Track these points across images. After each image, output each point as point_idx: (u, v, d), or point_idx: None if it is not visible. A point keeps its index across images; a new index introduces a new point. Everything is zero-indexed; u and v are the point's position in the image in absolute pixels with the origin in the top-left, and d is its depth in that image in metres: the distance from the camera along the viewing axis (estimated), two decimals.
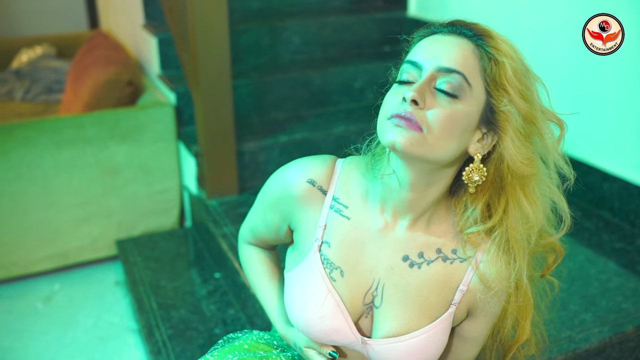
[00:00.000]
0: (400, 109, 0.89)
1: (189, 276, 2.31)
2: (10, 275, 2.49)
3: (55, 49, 3.84)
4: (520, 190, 0.95)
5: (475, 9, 2.73)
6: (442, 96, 0.90)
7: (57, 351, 2.15)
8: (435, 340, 1.03)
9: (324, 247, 1.03)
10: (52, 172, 2.40)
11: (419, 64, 0.92)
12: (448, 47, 0.92)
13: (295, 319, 1.05)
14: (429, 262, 1.02)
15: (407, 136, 0.87)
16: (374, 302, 1.03)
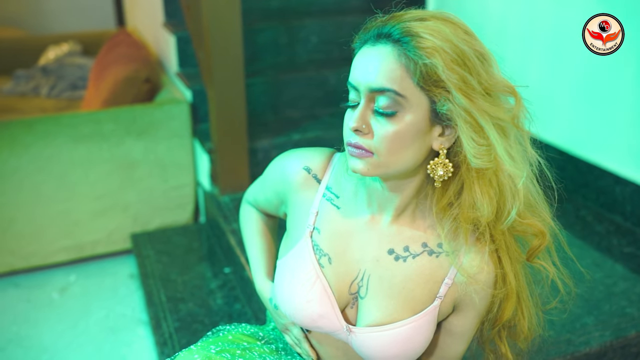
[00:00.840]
0: (350, 138, 0.94)
1: (199, 270, 2.35)
2: (29, 266, 2.56)
3: (81, 46, 3.93)
4: (476, 180, 0.94)
5: (492, 8, 2.71)
6: (381, 117, 0.92)
7: (69, 340, 2.21)
8: (420, 333, 1.03)
9: (315, 233, 1.06)
10: (70, 166, 2.46)
11: (355, 87, 0.95)
12: (374, 62, 0.91)
13: (283, 302, 1.08)
14: (415, 256, 1.03)
15: (363, 163, 0.93)
16: (359, 292, 1.06)
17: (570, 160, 2.39)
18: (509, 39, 2.65)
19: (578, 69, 2.32)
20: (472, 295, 1.03)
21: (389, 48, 0.91)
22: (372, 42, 0.93)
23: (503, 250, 1.01)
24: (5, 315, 2.35)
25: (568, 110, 2.40)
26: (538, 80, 2.52)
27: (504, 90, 0.94)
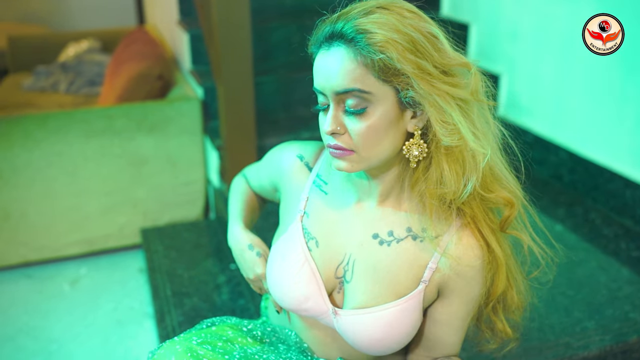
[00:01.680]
0: (329, 141, 0.98)
1: (205, 266, 2.37)
2: (42, 258, 2.61)
3: (101, 43, 3.99)
4: (444, 156, 0.96)
5: (505, 9, 2.69)
6: (352, 116, 0.95)
7: (78, 331, 2.25)
8: (405, 317, 1.04)
9: (304, 217, 1.12)
10: (82, 161, 2.51)
11: (321, 92, 0.98)
12: (334, 66, 0.94)
13: (272, 285, 1.11)
14: (399, 240, 1.05)
15: (346, 162, 0.98)
16: (345, 276, 1.08)
17: (580, 163, 2.37)
18: (521, 40, 2.63)
19: (590, 71, 2.29)
20: (457, 279, 1.03)
21: (344, 49, 0.93)
22: (327, 46, 0.96)
23: (482, 223, 1.02)
24: (17, 306, 2.40)
25: (579, 112, 2.38)
26: (550, 82, 2.50)
27: (459, 66, 0.95)
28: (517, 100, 2.72)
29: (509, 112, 2.76)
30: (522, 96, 2.68)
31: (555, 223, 2.23)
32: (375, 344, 1.05)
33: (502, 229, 1.06)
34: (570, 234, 2.18)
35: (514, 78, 2.72)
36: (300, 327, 1.17)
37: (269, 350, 1.11)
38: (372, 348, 1.06)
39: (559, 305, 1.78)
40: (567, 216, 2.27)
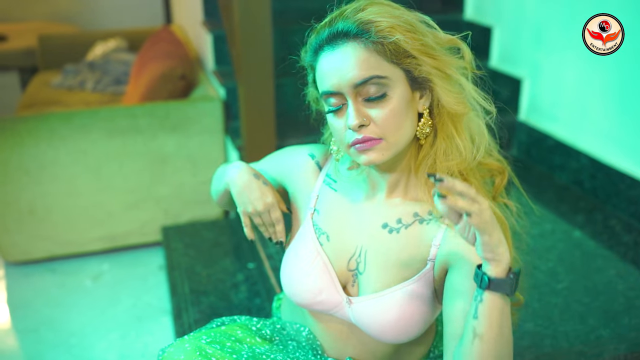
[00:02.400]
0: (354, 137, 0.99)
1: (223, 265, 2.40)
2: (66, 253, 2.67)
3: (128, 42, 4.06)
4: (452, 127, 1.03)
5: (529, 12, 2.68)
6: (374, 104, 0.98)
7: (98, 325, 2.30)
8: (416, 297, 1.06)
9: (315, 214, 1.15)
10: (105, 158, 2.56)
11: (335, 91, 1.00)
12: (346, 62, 0.98)
13: (285, 280, 1.15)
14: (407, 226, 1.08)
15: (376, 151, 1.00)
16: (358, 268, 1.11)
17: (601, 169, 2.34)
18: (545, 44, 2.61)
19: (613, 76, 2.27)
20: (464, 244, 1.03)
21: (352, 43, 0.98)
22: (330, 48, 0.99)
23: (481, 192, 1.06)
24: (40, 298, 2.46)
25: (601, 118, 2.35)
26: (573, 87, 2.47)
27: (451, 43, 1.04)
28: (539, 105, 2.70)
29: (531, 116, 2.75)
30: (544, 100, 2.66)
31: (574, 229, 2.21)
32: (391, 327, 1.06)
33: (495, 198, 1.11)
34: (589, 240, 2.16)
35: (536, 82, 2.70)
36: (314, 325, 1.19)
37: (277, 349, 1.12)
38: (389, 333, 1.07)
39: (574, 313, 1.76)
40: (587, 223, 2.25)
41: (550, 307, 1.79)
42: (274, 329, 1.20)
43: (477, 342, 0.92)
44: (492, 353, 0.92)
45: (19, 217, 2.54)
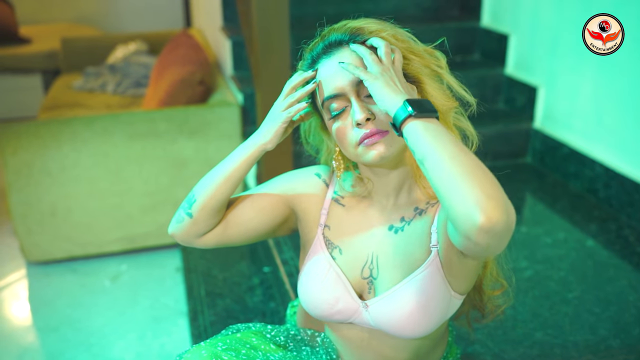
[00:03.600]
0: (361, 133, 1.03)
1: (239, 268, 2.45)
2: (86, 254, 2.73)
3: (148, 45, 4.12)
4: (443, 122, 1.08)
5: (546, 20, 2.69)
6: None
7: (116, 325, 2.35)
8: (428, 286, 1.08)
9: (326, 230, 1.19)
10: (125, 162, 2.61)
11: (338, 94, 1.05)
12: (349, 59, 1.04)
13: (303, 297, 1.18)
14: (409, 222, 1.13)
15: (384, 144, 1.03)
16: (372, 274, 1.15)
17: (616, 178, 2.35)
18: (561, 52, 2.62)
19: (629, 85, 2.27)
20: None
21: (347, 48, 1.06)
22: (326, 56, 1.08)
23: None
24: (61, 298, 2.52)
25: (617, 127, 2.36)
26: (588, 95, 2.48)
27: (428, 51, 1.13)
28: (554, 113, 2.71)
29: (546, 124, 2.76)
30: (559, 108, 2.67)
31: (587, 238, 2.22)
32: (409, 320, 1.09)
33: None
34: (602, 250, 2.17)
35: (552, 90, 2.71)
36: (333, 335, 1.23)
37: (291, 356, 1.16)
38: (408, 327, 1.10)
39: (584, 323, 1.78)
40: (600, 232, 2.26)
41: (561, 316, 1.81)
42: (288, 336, 1.23)
43: (426, 166, 0.90)
44: (446, 169, 0.87)
45: (41, 218, 2.61)
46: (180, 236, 1.16)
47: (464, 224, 0.83)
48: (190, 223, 1.13)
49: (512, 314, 1.82)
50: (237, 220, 1.17)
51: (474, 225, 0.81)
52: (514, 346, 1.69)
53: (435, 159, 0.88)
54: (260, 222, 1.18)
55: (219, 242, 1.17)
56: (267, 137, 1.12)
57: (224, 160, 1.15)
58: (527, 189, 2.61)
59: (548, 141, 2.72)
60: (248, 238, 1.19)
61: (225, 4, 3.08)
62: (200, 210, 1.12)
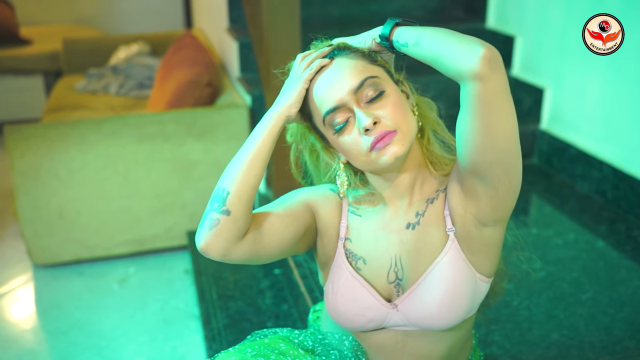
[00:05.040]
0: (371, 139, 1.03)
1: (250, 270, 2.45)
2: (93, 256, 2.73)
3: (150, 46, 4.11)
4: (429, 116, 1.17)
5: (552, 21, 2.70)
6: (375, 102, 1.05)
7: (127, 329, 2.34)
8: (453, 270, 1.10)
9: (347, 242, 1.20)
10: (133, 164, 2.60)
11: (338, 105, 1.06)
12: (339, 73, 1.07)
13: (333, 313, 1.19)
14: (423, 214, 1.15)
15: (396, 143, 1.04)
16: (398, 276, 1.17)
17: (624, 179, 2.36)
18: (568, 53, 2.63)
19: (634, 86, 2.29)
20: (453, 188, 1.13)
21: (335, 61, 1.09)
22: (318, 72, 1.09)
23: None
24: (70, 301, 2.51)
25: (625, 128, 2.37)
26: (595, 96, 2.50)
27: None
28: (561, 114, 2.72)
29: (552, 125, 2.77)
30: (566, 110, 2.69)
31: (597, 239, 2.24)
32: (440, 308, 1.11)
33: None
34: (613, 251, 2.18)
35: (558, 92, 2.72)
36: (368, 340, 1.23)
37: None
38: (441, 316, 1.11)
39: (599, 324, 1.79)
40: (610, 233, 2.27)
41: (576, 317, 1.82)
42: (316, 339, 1.23)
43: (422, 43, 1.01)
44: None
45: (49, 221, 2.60)
46: (218, 244, 1.03)
47: (469, 60, 0.93)
48: (230, 221, 1.02)
49: (528, 315, 1.83)
50: (270, 228, 1.10)
51: (478, 56, 0.93)
52: (531, 347, 1.70)
53: (430, 33, 1.00)
54: (290, 231, 1.13)
55: (254, 252, 1.08)
56: (289, 100, 1.08)
57: (245, 142, 1.11)
58: (534, 190, 2.62)
59: (555, 142, 2.73)
60: (279, 249, 1.13)
61: (231, 6, 3.08)
62: (237, 201, 1.03)
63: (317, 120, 1.10)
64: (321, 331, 1.29)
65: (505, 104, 0.97)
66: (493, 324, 1.78)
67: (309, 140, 1.20)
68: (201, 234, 1.04)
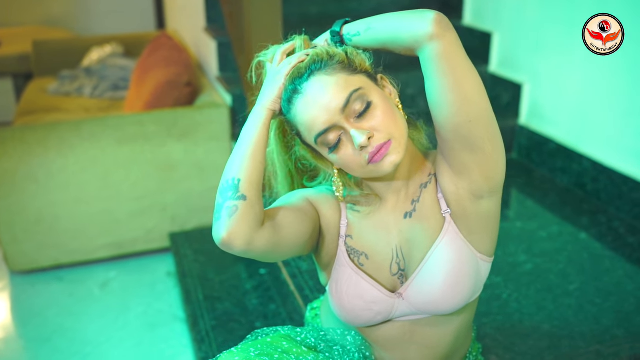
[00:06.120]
0: (367, 154, 1.03)
1: (235, 271, 2.42)
2: (73, 261, 2.67)
3: (123, 47, 4.04)
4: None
5: (529, 18, 2.73)
6: (364, 115, 1.04)
7: (110, 334, 2.30)
8: (453, 251, 1.12)
9: (348, 239, 1.19)
10: (113, 166, 2.56)
11: (329, 127, 1.03)
12: (322, 93, 1.03)
13: (339, 311, 1.19)
14: (418, 200, 1.16)
15: (393, 152, 1.03)
16: (400, 267, 1.17)
17: (603, 172, 2.40)
18: (545, 49, 2.67)
19: (613, 80, 2.33)
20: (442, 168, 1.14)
21: (313, 79, 1.04)
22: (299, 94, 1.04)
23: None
24: (50, 308, 2.46)
25: (603, 121, 2.41)
26: (574, 91, 2.53)
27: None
28: (539, 109, 2.75)
29: (531, 120, 2.80)
30: (545, 105, 2.72)
31: (580, 231, 2.27)
32: (445, 291, 1.11)
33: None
34: (595, 242, 2.21)
35: (536, 87, 2.75)
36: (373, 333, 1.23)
37: (323, 358, 1.15)
38: (446, 299, 1.12)
39: (587, 314, 1.81)
40: (592, 225, 2.31)
41: (565, 308, 1.84)
42: (318, 336, 1.23)
43: (373, 27, 1.07)
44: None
45: (26, 227, 2.54)
46: (242, 231, 1.00)
47: (422, 25, 0.99)
48: (248, 206, 1.01)
49: (518, 307, 1.84)
50: (285, 220, 1.09)
51: (430, 19, 0.99)
52: (523, 339, 1.71)
53: (379, 17, 1.05)
54: (304, 226, 1.13)
55: (274, 243, 1.06)
56: (272, 95, 1.08)
57: (241, 137, 1.09)
58: (515, 185, 2.65)
59: (534, 137, 2.76)
60: (296, 243, 1.12)
61: (208, 5, 3.05)
62: (250, 186, 1.03)
63: (307, 139, 1.08)
64: (322, 328, 1.28)
65: (464, 57, 1.02)
66: (484, 317, 1.79)
67: (296, 152, 1.19)
68: (221, 225, 1.01)
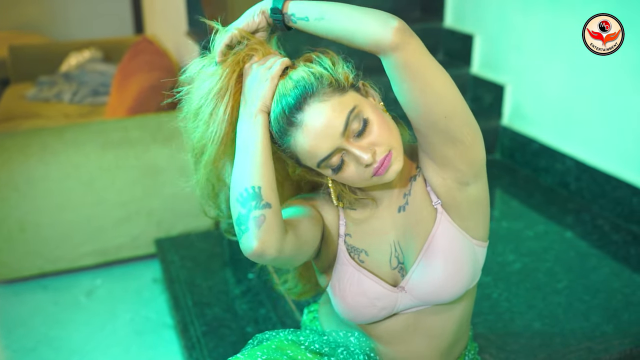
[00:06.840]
0: (371, 168, 1.04)
1: (223, 276, 2.41)
2: (57, 269, 2.63)
3: (102, 52, 4.01)
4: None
5: (510, 19, 2.76)
6: (363, 133, 1.03)
7: (97, 342, 2.27)
8: (448, 241, 1.13)
9: (347, 238, 1.20)
10: (97, 172, 2.53)
11: (332, 152, 1.02)
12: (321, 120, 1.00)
13: (342, 309, 1.19)
14: (410, 193, 1.17)
15: (394, 162, 1.05)
16: (399, 260, 1.18)
17: (587, 171, 2.44)
18: (527, 50, 2.70)
19: (596, 80, 2.36)
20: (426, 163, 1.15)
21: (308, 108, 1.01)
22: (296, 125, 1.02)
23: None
24: (34, 317, 2.42)
25: (585, 121, 2.45)
26: (556, 91, 2.57)
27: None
28: (522, 110, 2.79)
29: (514, 121, 2.83)
30: (527, 106, 2.75)
31: (566, 230, 2.30)
32: (446, 279, 1.13)
33: None
34: (581, 240, 2.24)
35: (518, 88, 2.79)
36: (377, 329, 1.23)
37: None
38: (448, 286, 1.13)
39: (576, 311, 1.84)
40: (576, 223, 2.34)
41: (554, 306, 1.86)
42: (322, 340, 1.22)
43: (327, 18, 1.01)
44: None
45: (9, 236, 2.49)
46: (274, 239, 0.98)
47: (384, 34, 0.96)
48: (274, 213, 0.99)
49: (508, 306, 1.86)
50: (300, 225, 1.09)
51: (392, 27, 0.96)
52: (515, 338, 1.72)
53: (334, 8, 1.00)
54: (318, 229, 1.14)
55: (298, 247, 1.05)
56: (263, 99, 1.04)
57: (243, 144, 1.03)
58: (499, 185, 2.68)
59: (517, 138, 2.79)
60: (315, 246, 1.14)
61: (190, 9, 3.03)
62: (271, 192, 1.00)
63: (308, 164, 1.07)
64: (325, 331, 1.28)
65: (429, 59, 1.00)
66: (475, 316, 1.80)
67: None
68: (251, 236, 0.98)
